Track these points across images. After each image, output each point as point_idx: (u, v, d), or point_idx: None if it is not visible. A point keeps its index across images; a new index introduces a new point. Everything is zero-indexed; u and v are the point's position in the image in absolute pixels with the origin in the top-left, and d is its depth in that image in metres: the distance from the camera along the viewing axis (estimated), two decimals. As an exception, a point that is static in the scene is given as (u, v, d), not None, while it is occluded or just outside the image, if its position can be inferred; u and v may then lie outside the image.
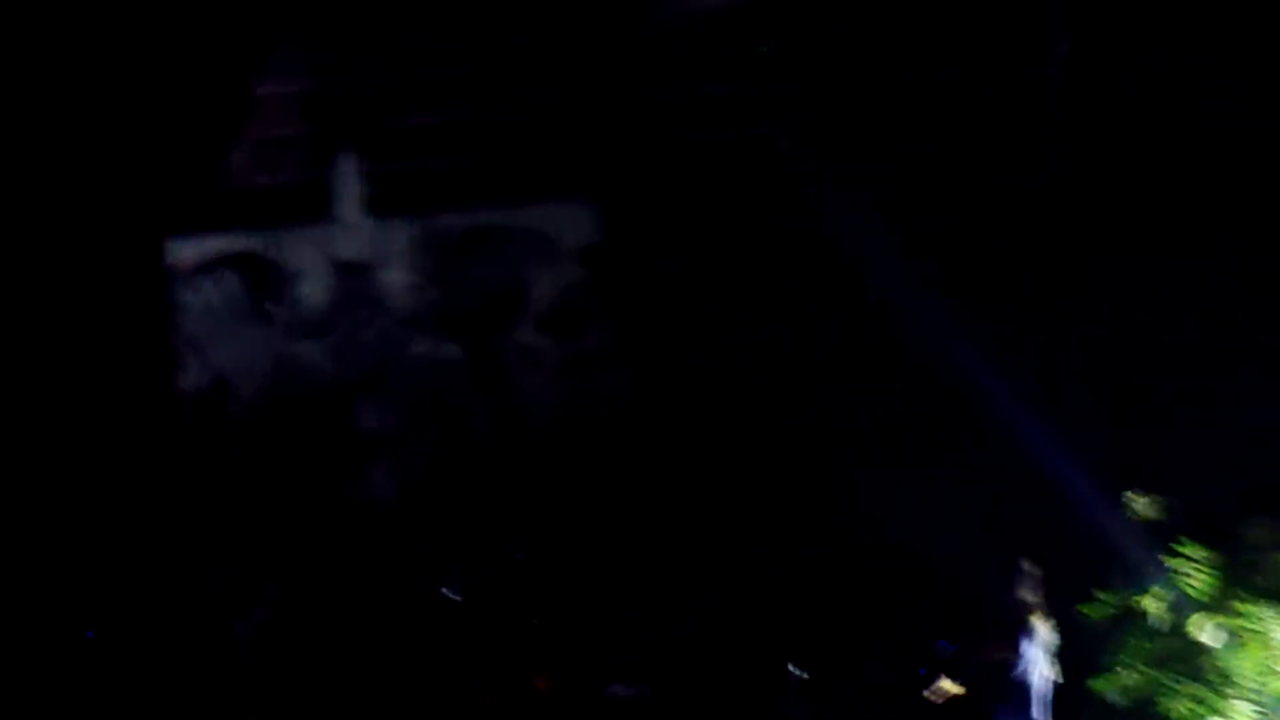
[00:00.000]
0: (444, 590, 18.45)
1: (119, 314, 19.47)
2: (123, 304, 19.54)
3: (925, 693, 16.24)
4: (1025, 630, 16.15)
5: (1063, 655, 16.28)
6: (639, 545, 19.60)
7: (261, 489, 20.24)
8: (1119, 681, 15.94)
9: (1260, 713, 15.45)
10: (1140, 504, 16.57)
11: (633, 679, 17.71)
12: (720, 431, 20.59)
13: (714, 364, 20.94)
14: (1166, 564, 16.17)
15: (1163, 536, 16.37)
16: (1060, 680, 16.24)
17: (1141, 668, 15.89)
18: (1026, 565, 16.29)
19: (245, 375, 20.76)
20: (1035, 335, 20.10)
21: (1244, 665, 15.59)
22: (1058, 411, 18.65)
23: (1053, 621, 16.23)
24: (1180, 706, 15.61)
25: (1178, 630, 16.01)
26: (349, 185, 21.05)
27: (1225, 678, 15.65)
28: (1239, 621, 15.76)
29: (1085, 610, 16.31)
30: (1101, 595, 16.33)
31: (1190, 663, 15.80)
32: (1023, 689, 16.08)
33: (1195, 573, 16.12)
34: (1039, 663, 16.12)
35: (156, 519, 18.47)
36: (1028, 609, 16.20)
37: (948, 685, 16.29)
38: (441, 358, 21.10)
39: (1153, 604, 16.12)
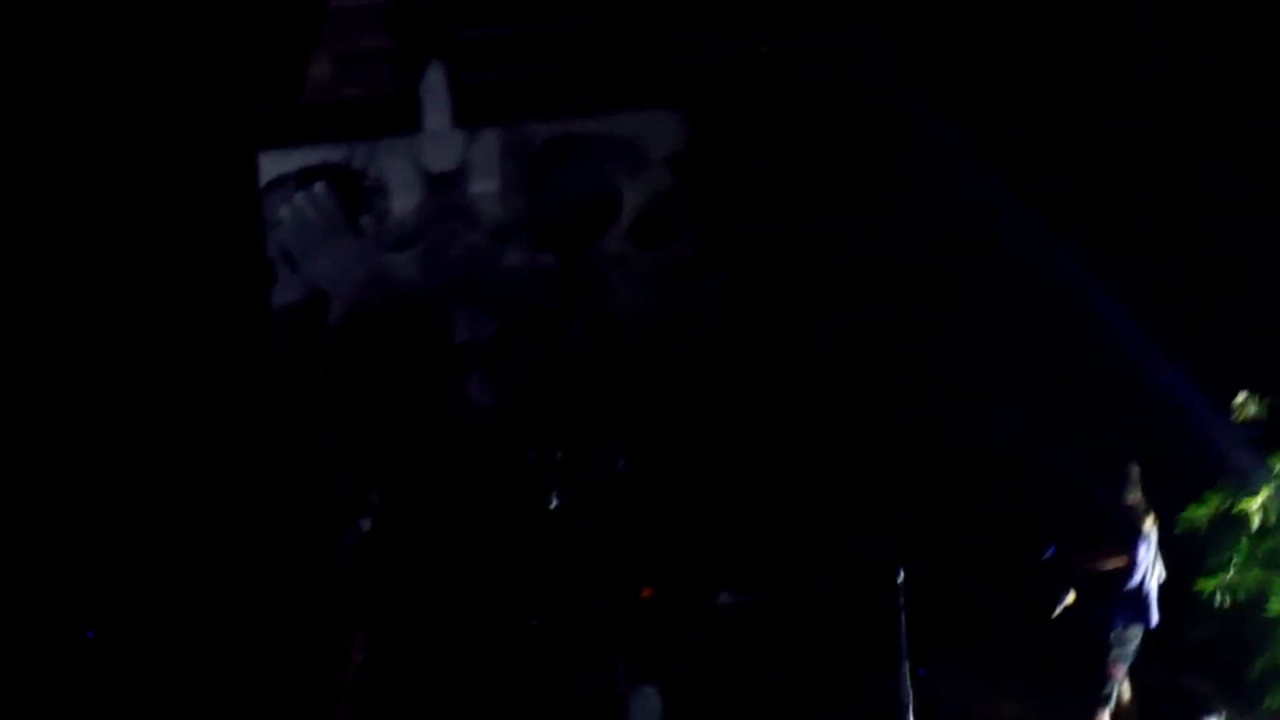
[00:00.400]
0: (545, 498, 18.52)
1: (215, 228, 19.36)
2: (218, 217, 19.42)
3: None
4: (1133, 534, 16.17)
5: (1168, 559, 16.29)
6: (738, 452, 19.69)
7: (359, 400, 20.38)
8: (1227, 582, 15.86)
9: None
10: (1246, 405, 16.44)
11: (740, 587, 17.80)
12: (814, 338, 20.64)
13: (802, 273, 20.97)
14: (1272, 464, 16.07)
15: (1269, 437, 16.28)
16: (1166, 582, 16.27)
17: (1252, 569, 15.83)
18: (1132, 470, 16.28)
19: (339, 288, 20.87)
20: (1135, 242, 20.12)
21: (1359, 568, 15.55)
22: (1158, 317, 18.62)
23: (1159, 525, 16.24)
24: (1293, 607, 15.59)
25: (1285, 531, 15.96)
26: (438, 96, 21.06)
27: (1338, 580, 15.62)
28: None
29: (1190, 513, 16.20)
30: (1207, 497, 16.23)
31: (1300, 564, 15.79)
32: (1133, 593, 16.13)
33: (1302, 474, 16.03)
34: (1148, 566, 16.16)
35: (257, 436, 18.45)
36: (1135, 513, 16.22)
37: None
38: (533, 266, 21.17)
39: (1259, 505, 16.03)
